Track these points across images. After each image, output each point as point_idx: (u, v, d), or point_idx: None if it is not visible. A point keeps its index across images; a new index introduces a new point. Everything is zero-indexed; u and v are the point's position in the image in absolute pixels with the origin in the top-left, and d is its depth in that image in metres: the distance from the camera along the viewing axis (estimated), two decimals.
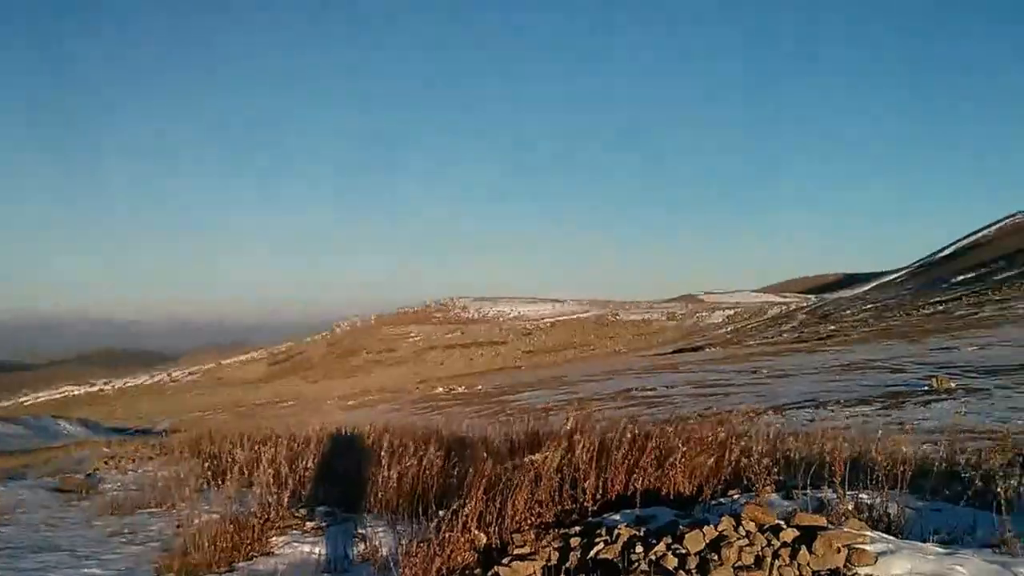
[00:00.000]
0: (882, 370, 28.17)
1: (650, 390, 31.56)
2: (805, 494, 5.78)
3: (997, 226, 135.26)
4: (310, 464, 9.07)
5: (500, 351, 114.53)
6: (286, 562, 6.53)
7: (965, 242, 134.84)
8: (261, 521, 7.08)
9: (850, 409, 18.29)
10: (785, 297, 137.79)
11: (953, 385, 21.20)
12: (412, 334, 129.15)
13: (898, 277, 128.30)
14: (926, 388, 21.34)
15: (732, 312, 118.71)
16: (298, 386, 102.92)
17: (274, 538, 7.00)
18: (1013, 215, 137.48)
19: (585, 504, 6.01)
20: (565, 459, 6.48)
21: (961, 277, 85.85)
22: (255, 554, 6.70)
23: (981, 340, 34.53)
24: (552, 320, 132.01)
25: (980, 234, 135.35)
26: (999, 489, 5.10)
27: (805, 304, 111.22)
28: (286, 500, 7.71)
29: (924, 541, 4.76)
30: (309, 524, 7.46)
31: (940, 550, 4.54)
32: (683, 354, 63.49)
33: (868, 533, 4.62)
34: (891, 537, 4.73)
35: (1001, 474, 5.96)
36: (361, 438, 10.32)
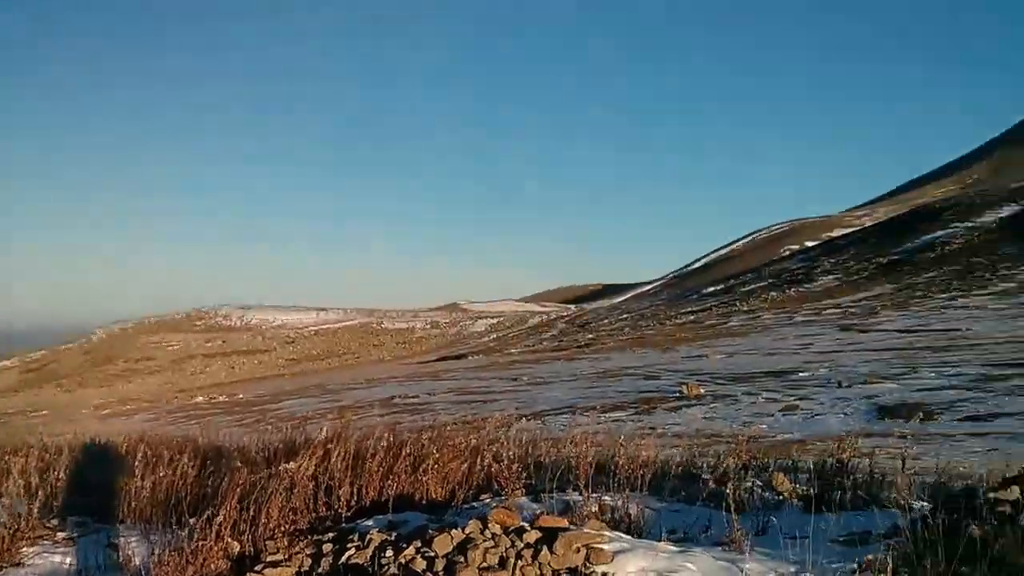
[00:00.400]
0: (636, 377, 29.15)
1: (412, 397, 31.57)
2: (552, 497, 6.00)
3: (744, 240, 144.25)
4: (62, 474, 8.69)
5: (263, 360, 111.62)
6: (36, 572, 6.28)
7: (715, 255, 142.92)
8: (11, 532, 6.77)
9: (605, 415, 18.87)
10: (546, 306, 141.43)
11: (703, 391, 22.08)
12: (172, 342, 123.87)
13: (652, 288, 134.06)
14: (677, 394, 22.14)
15: (495, 321, 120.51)
16: (52, 395, 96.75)
17: (24, 548, 6.71)
18: (759, 230, 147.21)
19: (340, 511, 6.01)
20: (321, 467, 6.46)
21: (711, 288, 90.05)
22: (4, 565, 6.40)
23: (729, 348, 36.22)
24: (316, 328, 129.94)
25: (729, 248, 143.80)
26: (728, 490, 5.46)
27: (565, 313, 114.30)
28: (36, 511, 7.40)
29: (660, 540, 5.02)
30: (61, 534, 7.19)
31: (673, 548, 4.80)
32: (446, 362, 63.85)
33: (607, 533, 4.84)
34: (628, 537, 4.97)
35: (734, 476, 6.37)
36: (115, 448, 9.98)
